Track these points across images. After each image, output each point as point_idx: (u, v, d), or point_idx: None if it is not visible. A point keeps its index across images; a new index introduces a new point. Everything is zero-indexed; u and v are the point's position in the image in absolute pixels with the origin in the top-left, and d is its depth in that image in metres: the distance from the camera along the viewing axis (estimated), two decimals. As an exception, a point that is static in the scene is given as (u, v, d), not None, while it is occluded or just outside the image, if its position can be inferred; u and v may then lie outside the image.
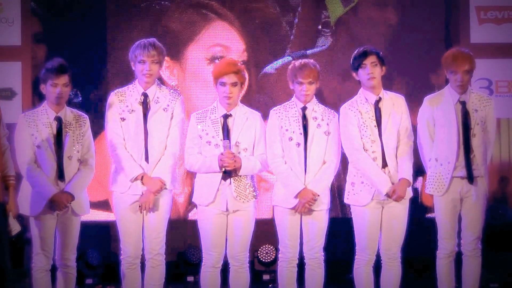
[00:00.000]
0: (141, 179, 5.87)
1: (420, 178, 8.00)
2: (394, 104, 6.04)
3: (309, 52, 8.75)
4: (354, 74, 6.08)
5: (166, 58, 8.39)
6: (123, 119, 5.94)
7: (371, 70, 5.98)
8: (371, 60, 5.98)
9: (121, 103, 5.95)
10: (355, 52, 6.07)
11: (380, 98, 6.03)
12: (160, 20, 8.72)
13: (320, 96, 8.26)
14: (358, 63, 6.01)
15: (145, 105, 5.95)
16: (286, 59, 8.70)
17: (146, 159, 5.90)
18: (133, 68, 6.00)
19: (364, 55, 5.99)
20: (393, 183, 5.94)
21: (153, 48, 5.91)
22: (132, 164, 5.88)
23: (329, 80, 8.69)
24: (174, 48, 8.65)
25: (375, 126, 5.99)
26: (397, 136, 6.00)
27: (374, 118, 6.01)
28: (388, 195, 5.92)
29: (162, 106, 5.95)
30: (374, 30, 8.80)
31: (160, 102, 5.96)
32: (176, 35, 8.70)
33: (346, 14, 8.79)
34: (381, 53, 6.05)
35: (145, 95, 5.96)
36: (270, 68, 8.78)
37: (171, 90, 6.10)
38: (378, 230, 6.01)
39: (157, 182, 5.87)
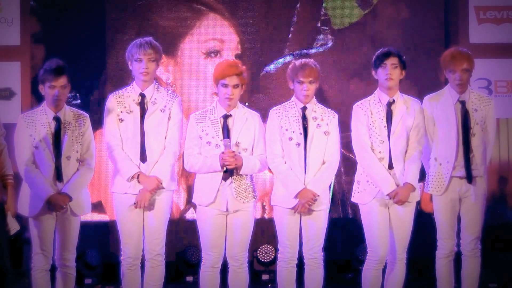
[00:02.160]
0: (137, 178, 5.87)
1: (420, 184, 8.00)
2: (408, 107, 6.03)
3: (310, 51, 8.74)
4: (373, 72, 6.08)
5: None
6: (121, 120, 5.94)
7: (390, 71, 5.97)
8: (392, 61, 5.98)
9: (119, 104, 5.95)
10: (379, 51, 6.08)
11: (393, 100, 6.02)
12: (152, 18, 8.72)
13: (323, 96, 8.28)
14: (379, 62, 6.01)
15: (142, 106, 5.95)
16: (287, 58, 8.69)
17: (142, 159, 5.90)
18: (130, 68, 6.00)
19: (386, 55, 5.99)
20: (398, 186, 5.94)
21: (149, 46, 5.91)
22: (128, 164, 5.88)
23: (330, 80, 8.68)
24: (168, 44, 8.64)
25: (384, 126, 5.99)
26: (407, 140, 6.00)
27: (384, 118, 6.00)
28: (390, 197, 5.93)
29: (159, 107, 5.95)
30: (373, 30, 8.79)
31: (157, 103, 5.95)
32: (169, 31, 8.70)
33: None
34: (404, 57, 6.05)
35: (142, 96, 5.96)
36: (271, 68, 8.77)
37: (169, 91, 6.10)
38: (387, 227, 5.98)
39: (153, 180, 5.86)
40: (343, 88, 8.67)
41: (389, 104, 6.03)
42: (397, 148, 5.97)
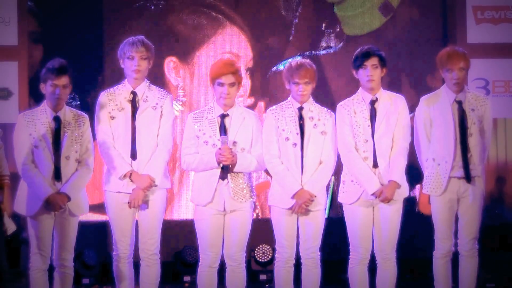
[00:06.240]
0: (130, 176, 5.87)
1: (417, 186, 8.00)
2: (392, 104, 6.03)
3: (319, 53, 8.73)
4: (353, 72, 6.08)
5: (173, 58, 8.45)
6: (112, 118, 5.95)
7: (371, 73, 5.97)
8: (372, 62, 5.97)
9: (110, 102, 5.97)
10: (358, 50, 6.05)
11: (376, 99, 6.02)
12: (158, 21, 8.72)
13: (328, 97, 8.28)
14: (359, 63, 5.99)
15: (134, 104, 5.97)
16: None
17: (133, 157, 5.90)
18: (122, 66, 6.02)
19: (366, 56, 5.97)
20: (383, 185, 5.94)
21: (141, 44, 5.94)
22: (121, 162, 5.89)
23: (336, 81, 8.68)
24: (183, 49, 8.65)
25: (368, 125, 5.99)
26: (392, 138, 5.99)
27: (368, 117, 6.00)
28: (375, 196, 5.92)
29: (151, 105, 5.97)
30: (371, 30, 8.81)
31: (148, 100, 5.97)
32: (186, 37, 8.71)
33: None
34: (383, 53, 6.04)
35: (134, 94, 5.98)
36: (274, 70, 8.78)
37: (161, 89, 6.12)
38: (370, 229, 6.00)
39: (146, 179, 5.87)
40: (350, 89, 8.68)
41: (372, 103, 6.02)
42: (381, 147, 5.96)
